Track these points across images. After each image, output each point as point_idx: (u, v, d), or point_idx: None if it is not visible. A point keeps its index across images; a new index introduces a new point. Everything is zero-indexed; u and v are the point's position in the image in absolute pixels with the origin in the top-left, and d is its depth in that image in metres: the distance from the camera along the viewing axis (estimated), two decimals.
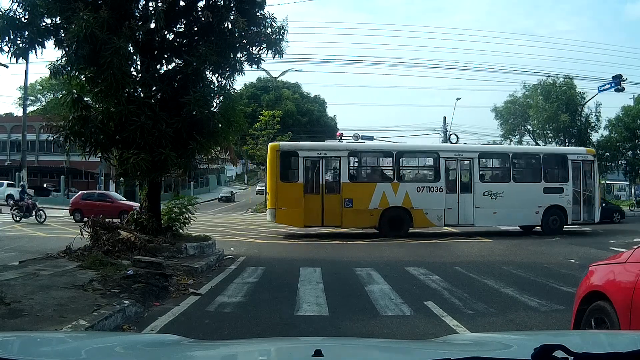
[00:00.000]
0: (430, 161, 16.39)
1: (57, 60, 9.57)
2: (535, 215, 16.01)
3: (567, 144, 39.45)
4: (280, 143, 16.11)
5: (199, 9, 10.41)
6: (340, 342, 2.87)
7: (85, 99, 10.11)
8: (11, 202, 22.60)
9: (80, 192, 24.90)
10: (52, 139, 11.92)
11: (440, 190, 15.55)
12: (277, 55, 10.83)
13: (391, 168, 15.94)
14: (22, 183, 23.03)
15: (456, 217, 15.64)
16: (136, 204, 17.95)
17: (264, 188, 44.79)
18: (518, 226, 17.06)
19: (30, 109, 45.23)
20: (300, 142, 20.12)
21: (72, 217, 21.20)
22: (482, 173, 16.12)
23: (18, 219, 19.43)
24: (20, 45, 9.21)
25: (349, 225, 15.48)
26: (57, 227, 17.75)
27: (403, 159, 16.46)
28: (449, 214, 15.58)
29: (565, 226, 16.43)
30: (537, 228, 16.55)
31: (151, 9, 10.08)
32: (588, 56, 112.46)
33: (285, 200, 15.04)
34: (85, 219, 11.63)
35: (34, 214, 19.47)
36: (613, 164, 37.18)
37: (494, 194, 15.66)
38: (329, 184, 15.50)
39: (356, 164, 16.17)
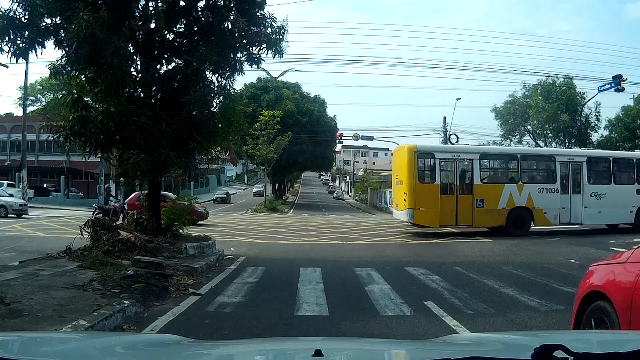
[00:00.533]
0: (547, 164, 17.31)
1: (57, 60, 9.53)
2: (630, 214, 16.99)
3: (567, 144, 39.49)
4: (417, 145, 16.62)
5: (199, 9, 10.39)
6: (340, 342, 2.88)
7: (85, 99, 10.08)
8: (94, 205, 20.53)
9: (135, 193, 22.90)
10: (52, 139, 11.87)
11: (557, 191, 16.43)
12: (277, 55, 10.81)
13: (516, 170, 16.79)
14: (107, 185, 21.08)
15: (568, 216, 16.51)
16: None
17: (262, 189, 45.11)
18: (605, 224, 17.85)
19: (30, 109, 45.22)
20: (436, 144, 22.01)
21: None
22: (589, 175, 16.94)
23: None
24: (20, 45, 9.17)
25: (480, 224, 16.13)
26: (57, 227, 17.71)
27: (525, 161, 17.39)
28: (563, 214, 16.39)
29: None
30: (622, 225, 17.39)
31: (151, 9, 10.06)
32: (588, 56, 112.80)
33: (423, 201, 15.39)
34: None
35: (120, 218, 17.15)
36: None
37: (599, 195, 16.63)
38: (462, 185, 16.06)
39: (487, 166, 16.93)
